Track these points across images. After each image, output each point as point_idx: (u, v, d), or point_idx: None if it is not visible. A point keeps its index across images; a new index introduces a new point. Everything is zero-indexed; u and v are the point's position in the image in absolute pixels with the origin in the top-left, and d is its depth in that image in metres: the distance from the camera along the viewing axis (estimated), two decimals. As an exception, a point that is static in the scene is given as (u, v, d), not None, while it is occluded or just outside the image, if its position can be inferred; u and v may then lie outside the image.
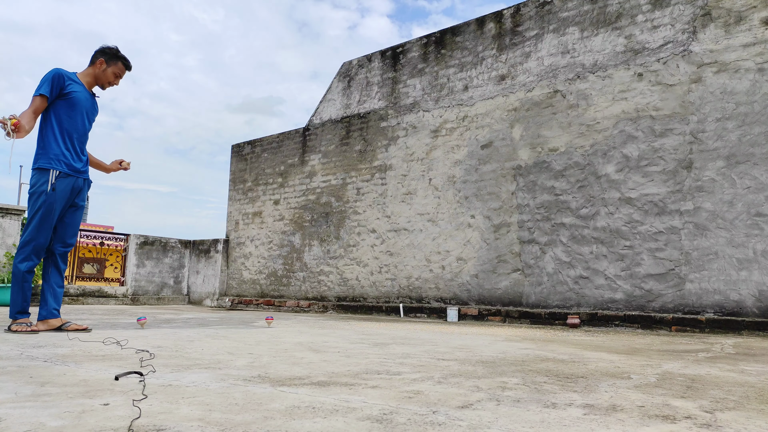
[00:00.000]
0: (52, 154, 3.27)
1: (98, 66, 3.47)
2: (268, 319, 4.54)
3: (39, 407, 1.24)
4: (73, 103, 3.34)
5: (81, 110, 3.38)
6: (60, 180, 3.27)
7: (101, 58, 3.49)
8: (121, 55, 3.53)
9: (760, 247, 4.34)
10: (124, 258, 9.01)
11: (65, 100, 3.32)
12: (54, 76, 3.29)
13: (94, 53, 3.53)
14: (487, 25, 6.35)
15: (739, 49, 4.61)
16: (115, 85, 3.58)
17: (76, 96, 3.35)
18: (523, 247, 5.66)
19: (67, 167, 3.31)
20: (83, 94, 3.40)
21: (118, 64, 3.51)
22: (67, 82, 3.32)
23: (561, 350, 2.85)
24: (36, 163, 3.27)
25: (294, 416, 1.20)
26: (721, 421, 1.25)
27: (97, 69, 3.48)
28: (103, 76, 3.48)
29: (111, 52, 3.50)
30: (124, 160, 3.76)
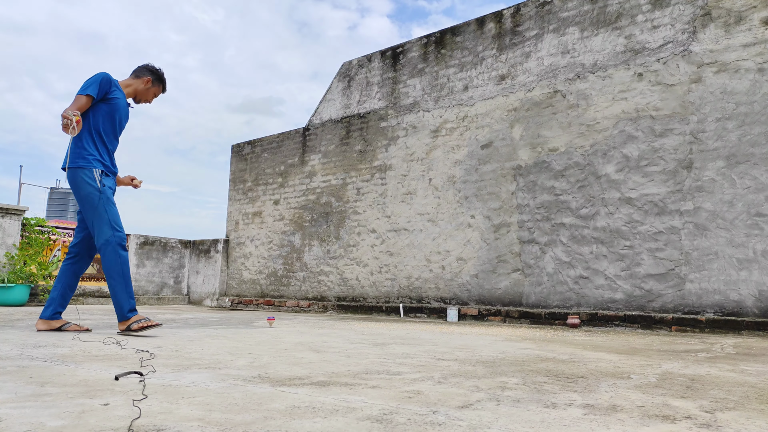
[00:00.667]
0: (88, 155, 3.33)
1: (144, 82, 3.61)
2: (270, 320, 4.53)
3: (39, 407, 1.24)
4: (114, 109, 3.43)
5: (118, 117, 3.47)
6: (105, 178, 3.36)
7: (149, 77, 3.64)
8: (165, 80, 3.73)
9: (760, 247, 4.34)
10: (124, 258, 9.00)
11: (107, 105, 3.41)
12: (103, 80, 3.37)
13: (141, 69, 3.67)
14: (487, 25, 6.35)
15: (739, 49, 4.61)
16: (148, 102, 3.71)
17: (118, 103, 3.44)
18: (523, 247, 5.66)
19: (107, 168, 3.40)
20: (122, 102, 3.50)
21: (160, 87, 3.69)
22: (112, 88, 3.43)
23: (561, 350, 2.85)
24: (74, 162, 3.29)
25: (294, 416, 1.20)
26: (721, 421, 1.25)
27: (141, 85, 3.61)
28: (144, 93, 3.62)
29: (158, 74, 3.67)
30: (135, 178, 3.81)
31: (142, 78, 3.61)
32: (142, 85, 3.60)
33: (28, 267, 7.26)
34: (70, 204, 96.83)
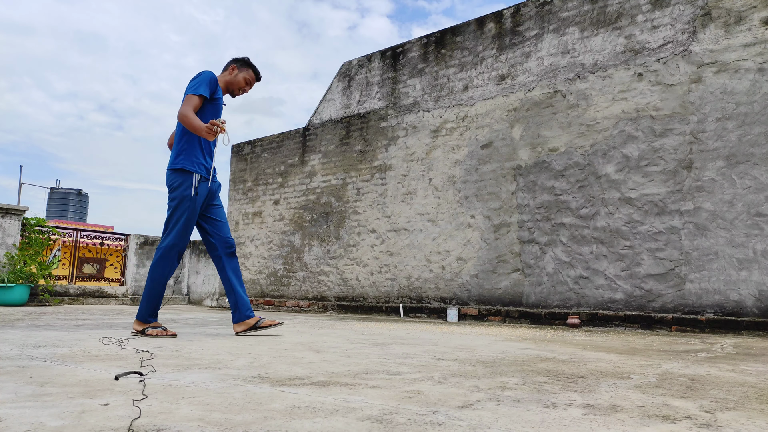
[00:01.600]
0: (194, 157, 3.29)
1: (230, 71, 3.52)
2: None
3: (39, 407, 1.24)
4: (218, 108, 3.40)
5: (218, 116, 3.42)
6: (201, 184, 3.31)
7: (234, 64, 3.55)
8: (252, 64, 3.58)
9: (760, 247, 4.34)
10: (124, 258, 9.01)
11: (213, 105, 3.37)
12: (211, 79, 3.34)
13: (228, 62, 3.63)
14: (487, 25, 6.35)
15: (739, 49, 4.61)
16: (245, 93, 3.58)
17: (220, 102, 3.42)
18: (523, 247, 5.66)
19: (206, 171, 3.35)
20: (221, 102, 3.47)
21: (249, 71, 3.55)
22: (217, 88, 3.40)
23: (561, 350, 2.85)
24: (178, 164, 3.26)
25: (294, 416, 1.20)
26: (721, 421, 1.25)
27: (229, 76, 3.52)
28: (234, 82, 3.51)
29: (243, 60, 3.57)
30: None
31: (228, 69, 3.55)
32: (229, 75, 3.52)
33: (28, 267, 7.26)
34: (70, 204, 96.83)
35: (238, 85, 3.52)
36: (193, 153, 3.30)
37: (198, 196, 3.28)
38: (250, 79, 3.56)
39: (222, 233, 3.44)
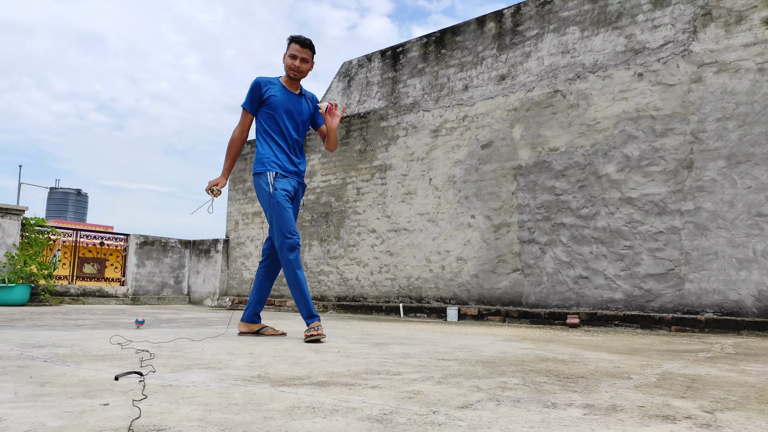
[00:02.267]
0: (264, 159, 3.29)
1: (283, 57, 3.37)
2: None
3: (39, 407, 1.24)
4: (272, 107, 3.31)
5: (281, 112, 3.32)
6: (278, 180, 3.25)
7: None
8: (293, 36, 3.34)
9: (760, 247, 4.34)
10: (124, 258, 9.02)
11: (265, 106, 3.33)
12: (252, 88, 3.34)
13: None
14: (487, 25, 6.35)
15: (740, 48, 4.60)
16: (301, 70, 3.32)
17: (274, 100, 3.31)
18: (523, 247, 5.66)
19: (281, 169, 3.28)
20: (282, 96, 3.34)
21: (290, 45, 3.31)
22: (264, 89, 3.33)
23: (561, 350, 2.85)
24: (254, 169, 3.32)
25: (294, 416, 1.20)
26: (721, 421, 1.24)
27: (283, 60, 3.36)
28: (285, 66, 3.34)
29: (288, 39, 3.36)
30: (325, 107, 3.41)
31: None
32: (283, 61, 3.35)
33: (28, 267, 7.27)
34: (70, 204, 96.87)
35: (287, 66, 3.32)
36: (264, 153, 3.30)
37: (279, 191, 3.21)
38: (294, 52, 3.29)
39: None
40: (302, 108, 3.42)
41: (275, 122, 3.32)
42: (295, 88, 3.40)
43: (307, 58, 3.32)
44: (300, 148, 3.44)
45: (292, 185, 3.31)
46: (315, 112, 3.49)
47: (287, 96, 3.35)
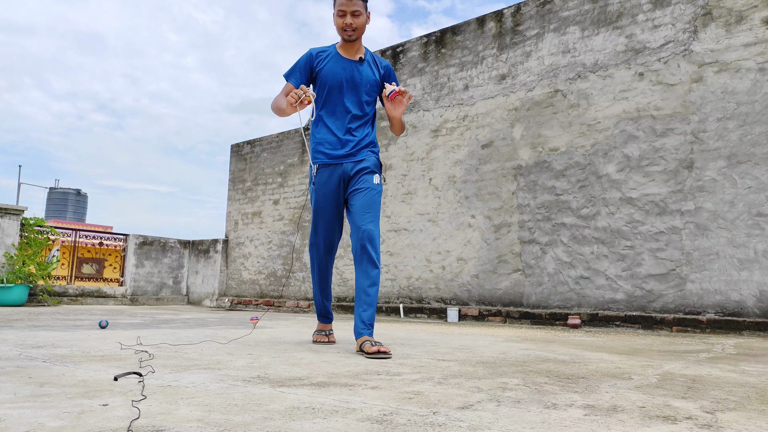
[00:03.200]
0: (314, 144, 2.88)
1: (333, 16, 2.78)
2: (253, 320, 4.37)
3: (38, 407, 1.24)
4: (323, 80, 2.79)
5: (334, 85, 2.77)
6: (320, 173, 2.83)
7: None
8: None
9: (761, 247, 4.34)
10: (123, 258, 9.01)
11: (318, 80, 2.82)
12: (299, 61, 2.82)
13: None
14: (487, 25, 6.34)
15: (740, 48, 4.60)
16: (355, 26, 2.69)
17: (324, 72, 2.78)
18: (524, 247, 5.66)
19: (326, 157, 2.82)
20: (333, 66, 2.78)
21: (336, 1, 2.71)
22: (316, 61, 2.81)
23: (562, 351, 2.84)
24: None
25: (294, 417, 1.20)
26: (721, 421, 1.24)
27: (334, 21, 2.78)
28: (336, 27, 2.74)
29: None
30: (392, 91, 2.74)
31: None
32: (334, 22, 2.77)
33: (27, 267, 7.26)
34: (69, 204, 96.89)
35: (337, 27, 2.72)
36: (312, 140, 2.92)
37: (316, 186, 2.83)
38: (342, 7, 2.68)
39: (355, 222, 2.71)
40: (363, 75, 2.79)
41: (327, 98, 2.80)
42: (352, 53, 2.79)
43: (358, 10, 2.68)
44: (365, 123, 2.84)
45: (338, 175, 2.78)
46: (386, 78, 2.86)
47: (342, 64, 2.77)
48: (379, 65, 2.86)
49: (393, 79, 2.84)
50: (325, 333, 3.03)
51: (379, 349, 2.35)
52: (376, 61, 2.86)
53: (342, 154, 2.79)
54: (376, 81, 2.83)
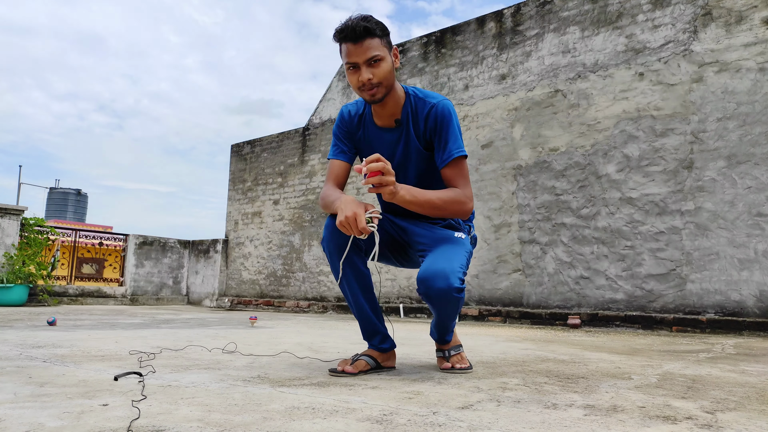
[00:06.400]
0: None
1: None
2: (252, 319, 4.44)
3: (38, 408, 1.24)
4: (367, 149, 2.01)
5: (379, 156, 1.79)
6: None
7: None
8: (336, 30, 1.83)
9: (761, 247, 4.34)
10: (123, 258, 9.01)
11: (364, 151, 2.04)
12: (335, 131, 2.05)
13: None
14: (487, 25, 6.34)
15: (740, 48, 4.60)
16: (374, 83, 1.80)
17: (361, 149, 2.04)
18: (524, 247, 5.66)
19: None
20: (371, 139, 2.00)
21: (341, 49, 1.84)
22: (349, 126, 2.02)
23: (562, 351, 2.84)
24: None
25: (294, 417, 1.20)
26: (721, 421, 1.24)
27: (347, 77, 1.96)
28: (352, 86, 1.90)
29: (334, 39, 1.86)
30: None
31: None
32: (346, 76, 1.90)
33: (26, 267, 7.26)
34: (69, 204, 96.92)
35: (353, 85, 1.87)
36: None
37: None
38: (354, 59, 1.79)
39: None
40: (410, 146, 1.94)
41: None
42: (385, 116, 1.94)
43: (377, 55, 1.78)
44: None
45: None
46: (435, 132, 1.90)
47: (377, 136, 1.98)
48: (422, 117, 1.90)
49: (445, 130, 1.87)
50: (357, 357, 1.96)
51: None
52: (418, 112, 1.91)
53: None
54: (419, 150, 1.93)
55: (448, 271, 1.73)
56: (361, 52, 1.78)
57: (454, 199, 1.81)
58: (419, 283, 1.77)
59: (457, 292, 1.73)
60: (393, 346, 1.97)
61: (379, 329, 1.94)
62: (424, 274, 1.76)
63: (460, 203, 1.82)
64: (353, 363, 1.86)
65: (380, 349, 1.95)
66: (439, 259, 1.78)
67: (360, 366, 1.86)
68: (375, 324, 1.94)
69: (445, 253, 1.81)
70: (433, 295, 1.75)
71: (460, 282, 1.74)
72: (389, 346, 1.96)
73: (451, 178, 1.85)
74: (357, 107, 2.03)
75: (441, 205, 1.79)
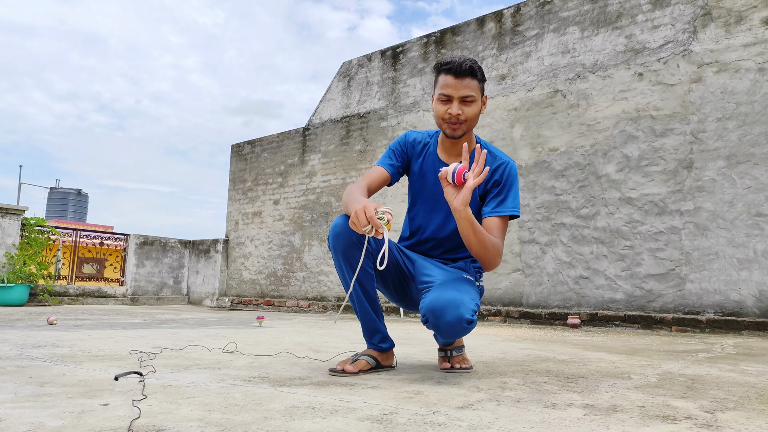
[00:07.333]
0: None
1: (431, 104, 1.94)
2: (260, 319, 4.52)
3: (39, 407, 1.24)
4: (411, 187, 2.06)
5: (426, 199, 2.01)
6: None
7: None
8: (441, 63, 1.86)
9: (760, 247, 4.34)
10: (123, 258, 9.01)
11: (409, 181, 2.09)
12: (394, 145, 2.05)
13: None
14: (487, 25, 6.34)
15: (740, 48, 4.60)
16: (461, 119, 1.83)
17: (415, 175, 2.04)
18: (524, 247, 5.66)
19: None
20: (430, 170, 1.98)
21: (438, 78, 1.87)
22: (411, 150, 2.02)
23: (561, 350, 2.84)
24: None
25: (294, 416, 1.20)
26: (721, 421, 1.24)
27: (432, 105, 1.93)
28: (435, 115, 1.89)
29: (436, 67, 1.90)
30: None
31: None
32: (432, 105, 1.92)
33: (27, 267, 7.26)
34: (70, 204, 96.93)
35: (438, 115, 1.87)
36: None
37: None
38: (449, 91, 1.82)
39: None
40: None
41: (415, 208, 2.03)
42: (454, 153, 1.95)
43: (471, 95, 1.83)
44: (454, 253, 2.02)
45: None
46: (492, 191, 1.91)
47: (433, 166, 1.96)
48: (490, 170, 1.87)
49: (509, 188, 1.90)
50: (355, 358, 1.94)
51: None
52: (486, 163, 1.88)
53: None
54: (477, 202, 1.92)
55: (459, 301, 1.65)
56: (460, 87, 1.82)
57: (495, 245, 1.78)
58: (427, 313, 1.69)
59: (468, 324, 1.65)
60: (392, 345, 1.98)
61: (379, 328, 1.93)
62: (432, 303, 1.67)
63: (497, 252, 1.80)
64: (353, 362, 1.85)
65: (380, 348, 1.94)
66: (449, 290, 1.71)
67: (360, 365, 1.85)
68: (376, 323, 1.92)
69: (455, 285, 1.76)
70: (444, 328, 1.67)
71: (472, 314, 1.66)
72: (389, 346, 1.96)
73: (493, 228, 1.83)
74: (423, 137, 2.03)
75: (485, 242, 1.74)
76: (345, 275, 1.85)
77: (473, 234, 1.71)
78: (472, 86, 1.83)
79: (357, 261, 1.80)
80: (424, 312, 1.71)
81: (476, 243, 1.73)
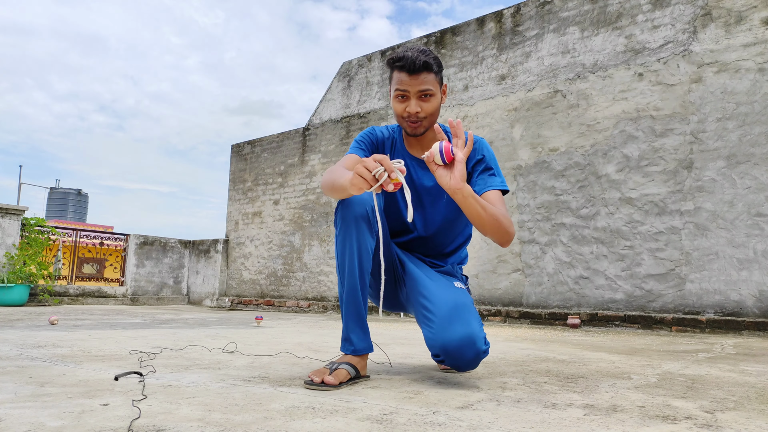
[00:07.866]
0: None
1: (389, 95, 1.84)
2: (258, 319, 4.52)
3: (39, 407, 1.24)
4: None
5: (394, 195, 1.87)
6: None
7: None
8: (392, 58, 1.76)
9: (760, 247, 4.34)
10: (123, 258, 9.01)
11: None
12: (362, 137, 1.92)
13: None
14: (487, 25, 6.34)
15: (740, 49, 4.61)
16: (420, 116, 1.74)
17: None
18: (524, 247, 5.66)
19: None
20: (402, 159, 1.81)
21: (392, 75, 1.78)
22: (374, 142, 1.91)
23: (561, 350, 2.84)
24: None
25: (294, 416, 1.20)
26: (721, 421, 1.24)
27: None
28: (395, 113, 1.79)
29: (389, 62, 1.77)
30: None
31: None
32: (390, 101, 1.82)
33: (27, 267, 7.26)
34: (70, 204, 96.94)
35: (397, 115, 1.79)
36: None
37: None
38: (404, 87, 1.72)
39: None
40: (433, 182, 1.84)
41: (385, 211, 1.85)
42: (419, 149, 1.87)
43: (429, 89, 1.73)
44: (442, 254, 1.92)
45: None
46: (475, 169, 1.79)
47: (406, 161, 1.86)
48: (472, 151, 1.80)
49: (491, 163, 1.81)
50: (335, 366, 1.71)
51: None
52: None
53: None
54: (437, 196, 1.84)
55: (472, 335, 1.57)
56: (415, 83, 1.71)
57: (507, 216, 1.63)
58: (441, 354, 1.59)
59: (485, 353, 1.61)
60: (371, 348, 1.73)
61: (363, 318, 1.70)
62: (446, 345, 1.58)
63: (510, 222, 1.64)
64: (332, 372, 1.60)
65: (357, 351, 1.70)
66: (456, 323, 1.59)
67: (341, 376, 1.60)
68: (364, 316, 1.71)
69: (458, 312, 1.62)
70: (464, 366, 1.60)
71: (485, 342, 1.60)
72: (367, 346, 1.72)
73: (496, 202, 1.68)
74: (389, 133, 1.92)
75: (496, 214, 1.58)
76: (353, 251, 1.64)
77: (482, 209, 1.55)
78: (429, 80, 1.71)
79: (360, 228, 1.63)
80: (437, 352, 1.62)
81: (488, 217, 1.56)
